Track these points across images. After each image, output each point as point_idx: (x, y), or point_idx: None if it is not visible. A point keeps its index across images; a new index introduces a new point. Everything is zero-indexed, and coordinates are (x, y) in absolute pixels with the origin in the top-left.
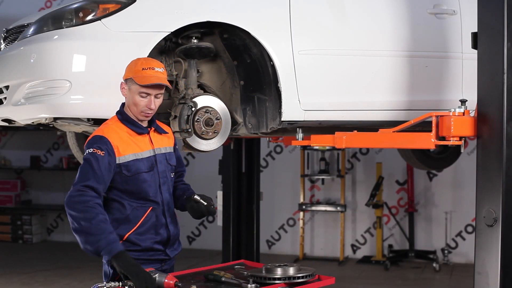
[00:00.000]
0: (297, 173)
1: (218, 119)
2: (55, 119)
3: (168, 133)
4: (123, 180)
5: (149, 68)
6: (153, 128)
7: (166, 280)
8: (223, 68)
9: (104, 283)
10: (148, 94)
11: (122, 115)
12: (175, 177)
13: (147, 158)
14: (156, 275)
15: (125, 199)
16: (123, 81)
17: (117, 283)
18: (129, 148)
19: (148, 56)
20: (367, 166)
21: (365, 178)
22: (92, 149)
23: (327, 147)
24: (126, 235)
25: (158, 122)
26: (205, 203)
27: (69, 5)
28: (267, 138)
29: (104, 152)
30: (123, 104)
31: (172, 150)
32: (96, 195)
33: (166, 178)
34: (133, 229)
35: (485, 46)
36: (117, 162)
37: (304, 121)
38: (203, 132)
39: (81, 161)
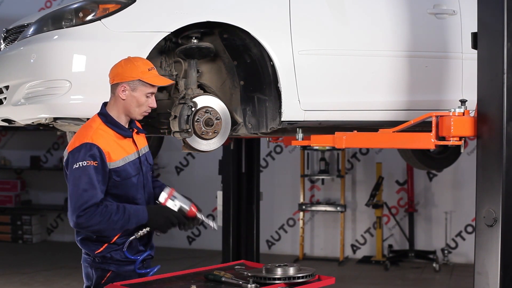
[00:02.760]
0: (297, 173)
1: (218, 119)
2: (55, 119)
3: (145, 132)
4: (113, 185)
5: (152, 68)
6: (135, 130)
7: (191, 209)
8: (223, 68)
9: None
10: (153, 94)
11: (107, 117)
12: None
13: (133, 161)
14: (181, 204)
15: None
16: (124, 84)
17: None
18: (118, 153)
19: (148, 57)
20: (367, 166)
21: (365, 178)
22: (86, 162)
23: (327, 147)
24: (114, 239)
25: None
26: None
27: (69, 5)
28: (267, 138)
29: (97, 162)
30: (104, 105)
31: (148, 149)
32: (98, 205)
33: (148, 179)
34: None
35: (485, 46)
36: (108, 167)
37: (304, 121)
38: (203, 132)
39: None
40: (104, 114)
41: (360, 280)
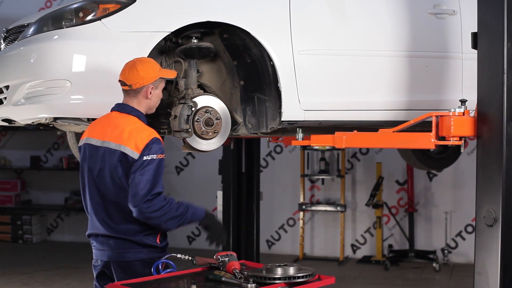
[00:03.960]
0: (297, 173)
1: (218, 119)
2: (55, 119)
3: None
4: None
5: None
6: None
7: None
8: (223, 68)
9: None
10: None
11: (140, 117)
12: None
13: None
14: (226, 258)
15: None
16: (150, 85)
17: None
18: None
19: (148, 56)
20: (367, 166)
21: (365, 178)
22: (161, 154)
23: (327, 147)
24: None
25: None
26: None
27: (69, 5)
28: (267, 138)
29: (164, 155)
30: (128, 107)
31: None
32: (163, 197)
33: None
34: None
35: (485, 46)
36: None
37: (304, 121)
38: (203, 132)
39: None
40: (138, 115)
41: (360, 280)
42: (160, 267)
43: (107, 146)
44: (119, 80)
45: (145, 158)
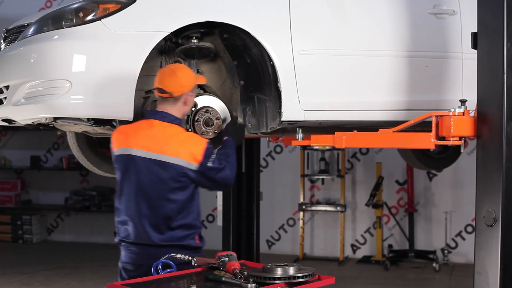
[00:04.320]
0: (297, 173)
1: (218, 119)
2: (55, 119)
3: None
4: None
5: None
6: None
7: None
8: (223, 68)
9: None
10: None
11: (182, 126)
12: None
13: None
14: (226, 258)
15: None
16: (189, 92)
17: (187, 257)
18: None
19: (148, 57)
20: (367, 166)
21: (365, 178)
22: (213, 153)
23: (327, 147)
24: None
25: None
26: None
27: (69, 5)
28: (267, 138)
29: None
30: (169, 115)
31: None
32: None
33: None
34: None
35: (485, 46)
36: None
37: (304, 121)
38: (203, 132)
39: (82, 161)
40: (179, 123)
41: (360, 280)
42: (159, 267)
43: (160, 159)
44: (157, 88)
45: (209, 165)
